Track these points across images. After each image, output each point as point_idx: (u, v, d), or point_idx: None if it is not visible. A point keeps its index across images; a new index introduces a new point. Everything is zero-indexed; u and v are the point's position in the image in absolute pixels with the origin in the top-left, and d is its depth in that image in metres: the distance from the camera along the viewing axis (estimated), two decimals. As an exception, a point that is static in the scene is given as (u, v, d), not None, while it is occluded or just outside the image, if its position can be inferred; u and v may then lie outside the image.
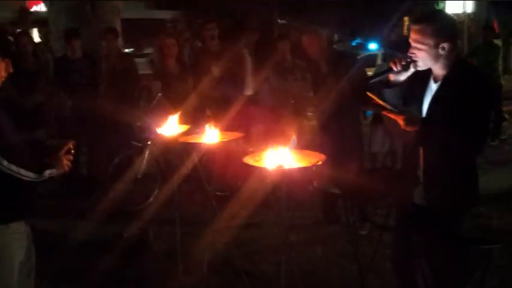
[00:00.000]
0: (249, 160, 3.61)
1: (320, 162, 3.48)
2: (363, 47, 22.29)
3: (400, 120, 3.26)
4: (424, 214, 3.42)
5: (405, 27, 28.86)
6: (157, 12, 17.65)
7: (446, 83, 3.35)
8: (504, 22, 21.26)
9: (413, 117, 3.26)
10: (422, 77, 3.43)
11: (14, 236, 3.14)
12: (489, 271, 3.60)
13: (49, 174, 3.10)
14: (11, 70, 3.26)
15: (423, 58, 3.31)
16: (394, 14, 26.35)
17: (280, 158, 3.52)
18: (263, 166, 3.53)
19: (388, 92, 3.42)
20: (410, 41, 3.34)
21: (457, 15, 23.13)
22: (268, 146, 3.64)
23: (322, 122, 6.07)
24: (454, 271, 3.35)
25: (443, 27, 3.30)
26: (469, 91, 3.25)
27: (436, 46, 3.28)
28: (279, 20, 28.49)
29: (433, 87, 3.42)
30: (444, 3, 23.73)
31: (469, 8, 22.94)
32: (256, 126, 7.63)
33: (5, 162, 2.93)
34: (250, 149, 4.03)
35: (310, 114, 8.02)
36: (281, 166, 3.47)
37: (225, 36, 7.86)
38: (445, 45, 3.27)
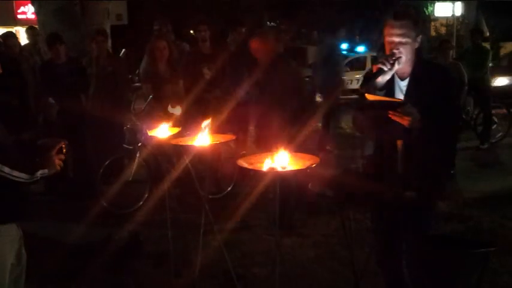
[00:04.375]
0: (242, 162, 3.58)
1: (314, 165, 3.46)
2: (351, 49, 22.38)
3: (406, 122, 3.24)
4: (409, 211, 3.47)
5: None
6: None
7: (415, 79, 3.45)
8: (493, 25, 21.39)
9: (418, 116, 3.24)
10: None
11: (5, 238, 3.09)
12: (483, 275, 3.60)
13: (41, 174, 3.05)
14: (0, 71, 3.22)
15: (406, 52, 3.39)
16: (383, 17, 26.42)
17: (274, 160, 3.50)
18: (256, 169, 3.50)
19: (380, 95, 3.43)
20: (393, 37, 3.40)
21: (447, 18, 23.32)
22: (260, 148, 3.63)
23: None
24: (446, 274, 3.35)
25: (418, 21, 3.51)
26: (440, 84, 3.39)
27: (415, 39, 3.42)
28: (268, 23, 28.62)
29: (401, 84, 3.49)
30: (433, 6, 23.89)
31: (458, 11, 23.09)
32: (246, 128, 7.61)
33: None
34: (243, 152, 4.01)
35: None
36: (274, 168, 3.45)
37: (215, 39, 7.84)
38: (419, 38, 3.44)
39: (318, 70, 10.24)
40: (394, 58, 3.36)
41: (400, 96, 3.48)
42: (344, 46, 21.68)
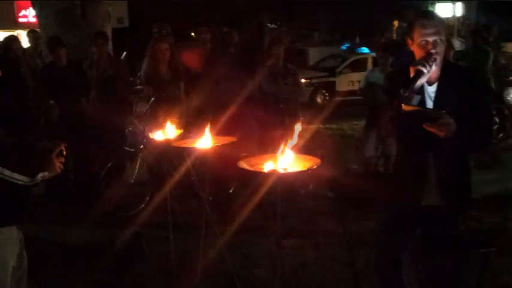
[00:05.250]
0: (243, 164, 3.59)
1: (315, 167, 3.47)
2: (352, 50, 22.40)
3: (442, 133, 3.17)
4: (432, 215, 3.45)
5: (394, 31, 28.99)
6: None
7: (444, 84, 3.37)
8: (494, 26, 21.36)
9: (454, 126, 3.17)
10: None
11: (6, 241, 3.10)
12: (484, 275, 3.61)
13: (41, 177, 3.06)
14: (0, 74, 3.24)
15: (441, 52, 3.32)
16: (383, 18, 26.47)
17: (275, 162, 3.51)
18: (257, 170, 3.51)
19: (417, 98, 3.34)
20: (427, 37, 3.31)
21: (447, 18, 23.33)
22: (260, 150, 3.63)
23: None
24: (447, 274, 3.36)
25: (443, 22, 3.53)
26: (471, 89, 3.32)
27: (444, 40, 3.36)
28: (269, 25, 28.65)
29: (429, 90, 3.41)
30: (434, 7, 23.91)
31: (459, 11, 23.11)
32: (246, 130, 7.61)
33: None
34: (244, 154, 4.02)
35: (302, 118, 7.99)
36: (275, 170, 3.46)
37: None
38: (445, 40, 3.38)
39: None
40: (432, 59, 3.27)
41: (429, 102, 3.40)
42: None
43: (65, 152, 3.18)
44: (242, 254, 5.57)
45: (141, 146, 6.94)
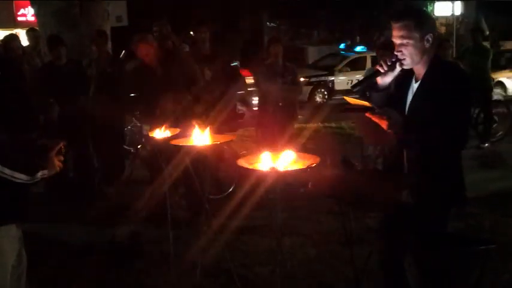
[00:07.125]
0: (243, 162, 3.59)
1: (314, 165, 3.46)
2: (350, 49, 22.45)
3: (384, 124, 3.23)
4: (411, 213, 3.42)
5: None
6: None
7: (425, 81, 3.37)
8: (493, 24, 21.39)
9: (397, 119, 3.24)
10: (406, 79, 3.45)
11: (5, 239, 3.09)
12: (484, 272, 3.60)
13: (41, 175, 3.05)
14: (-1, 73, 3.23)
15: (411, 54, 3.32)
16: (383, 17, 26.51)
17: (274, 160, 3.51)
18: (257, 168, 3.51)
19: (376, 96, 3.45)
20: (395, 39, 3.36)
21: (446, 17, 23.34)
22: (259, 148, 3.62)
23: None
24: (447, 272, 3.35)
25: (425, 20, 3.39)
26: (449, 88, 3.27)
27: (422, 39, 3.32)
28: (268, 23, 28.66)
29: (414, 86, 3.43)
30: (433, 6, 23.91)
31: (458, 10, 23.11)
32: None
33: None
34: (243, 152, 4.02)
35: (301, 116, 7.99)
36: (275, 168, 3.46)
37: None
38: (429, 37, 3.33)
39: None
40: (393, 60, 3.33)
41: (410, 98, 3.43)
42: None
43: (64, 150, 3.18)
44: (242, 252, 5.57)
45: (140, 145, 6.94)
